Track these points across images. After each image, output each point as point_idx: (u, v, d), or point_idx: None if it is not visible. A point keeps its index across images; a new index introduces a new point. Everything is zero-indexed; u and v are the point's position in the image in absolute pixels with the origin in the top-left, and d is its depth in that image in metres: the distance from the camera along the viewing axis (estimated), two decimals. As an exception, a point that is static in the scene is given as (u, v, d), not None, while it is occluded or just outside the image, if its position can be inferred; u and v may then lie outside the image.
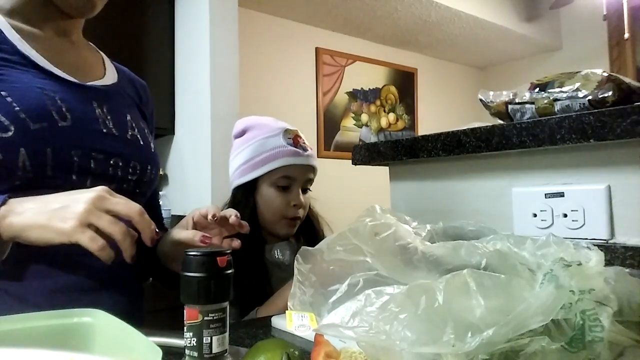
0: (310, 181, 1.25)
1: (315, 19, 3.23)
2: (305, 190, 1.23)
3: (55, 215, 0.61)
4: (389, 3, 3.01)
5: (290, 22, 3.20)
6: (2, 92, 0.68)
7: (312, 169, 1.24)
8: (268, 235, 1.23)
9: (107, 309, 0.51)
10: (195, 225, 0.79)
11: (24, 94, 0.69)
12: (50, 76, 0.75)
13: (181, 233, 0.77)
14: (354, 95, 3.53)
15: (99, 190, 0.63)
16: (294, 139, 1.21)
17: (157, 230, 0.67)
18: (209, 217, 0.76)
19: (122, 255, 0.79)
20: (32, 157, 0.67)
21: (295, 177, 1.19)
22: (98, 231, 0.61)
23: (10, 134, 0.66)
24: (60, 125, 0.71)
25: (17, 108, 0.67)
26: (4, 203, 0.62)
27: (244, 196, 1.22)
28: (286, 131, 1.22)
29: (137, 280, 0.86)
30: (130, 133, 0.83)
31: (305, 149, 1.21)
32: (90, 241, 0.60)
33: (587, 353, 0.44)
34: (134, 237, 0.64)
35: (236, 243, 0.79)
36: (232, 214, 0.78)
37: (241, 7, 2.30)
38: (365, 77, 3.60)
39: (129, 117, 0.84)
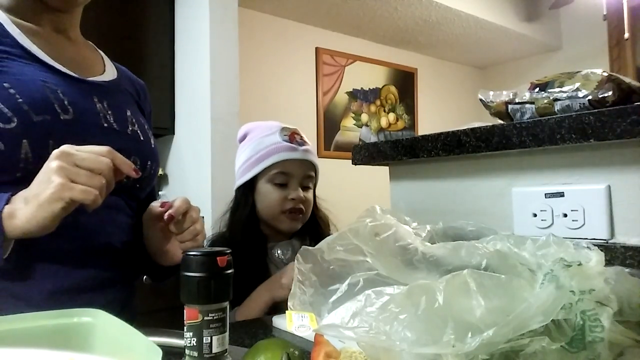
0: (310, 178, 1.23)
1: (315, 19, 3.23)
2: (306, 188, 1.22)
3: (39, 191, 0.60)
4: (389, 3, 3.01)
5: (290, 22, 3.20)
6: (4, 84, 0.68)
7: (311, 166, 1.22)
8: (273, 233, 1.23)
9: (101, 308, 0.51)
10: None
11: (26, 86, 0.69)
12: (52, 70, 0.75)
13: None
14: (354, 95, 3.53)
15: (61, 148, 0.62)
16: (290, 136, 1.20)
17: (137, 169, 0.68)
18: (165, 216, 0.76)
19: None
20: (35, 149, 0.67)
21: (291, 173, 1.19)
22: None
23: (13, 125, 0.66)
24: (63, 118, 0.71)
25: (20, 100, 0.67)
26: (8, 202, 0.62)
27: (243, 196, 1.23)
28: (283, 129, 1.21)
29: (129, 279, 0.86)
30: (130, 128, 0.83)
31: (301, 144, 1.20)
32: (83, 194, 0.59)
33: (587, 353, 0.44)
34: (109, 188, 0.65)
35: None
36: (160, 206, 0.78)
37: (241, 7, 2.30)
38: (365, 77, 3.60)
39: (129, 113, 0.84)
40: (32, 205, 0.60)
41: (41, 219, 0.60)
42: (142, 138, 0.85)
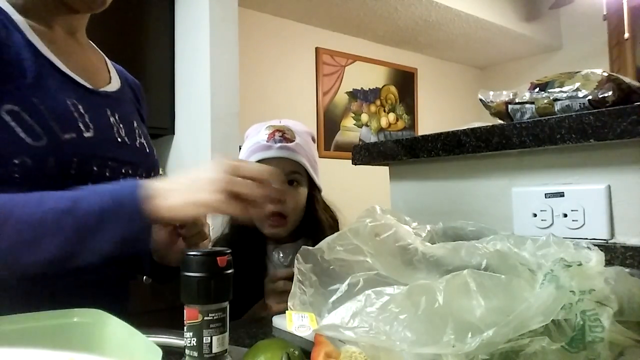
0: (295, 174, 1.16)
1: (315, 19, 3.23)
2: (292, 187, 1.17)
3: (196, 189, 0.61)
4: (389, 3, 3.01)
5: (290, 22, 3.20)
6: (33, 99, 0.68)
7: (292, 163, 1.16)
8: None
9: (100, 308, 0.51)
10: None
11: (52, 102, 0.69)
12: (69, 80, 0.75)
13: None
14: (354, 95, 3.53)
15: (230, 163, 0.62)
16: (270, 134, 1.16)
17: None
18: None
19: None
20: (59, 166, 0.67)
21: None
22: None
23: (42, 143, 0.66)
24: (86, 135, 0.72)
25: (48, 117, 0.68)
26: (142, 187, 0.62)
27: None
28: (267, 127, 1.18)
29: (124, 278, 0.87)
30: (138, 141, 0.84)
31: (279, 141, 1.15)
32: (234, 209, 0.61)
33: (587, 353, 0.44)
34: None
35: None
36: None
37: (241, 7, 2.30)
38: (365, 77, 3.60)
39: (135, 124, 0.85)
40: (180, 197, 0.61)
41: (182, 213, 0.62)
42: (147, 150, 0.86)
